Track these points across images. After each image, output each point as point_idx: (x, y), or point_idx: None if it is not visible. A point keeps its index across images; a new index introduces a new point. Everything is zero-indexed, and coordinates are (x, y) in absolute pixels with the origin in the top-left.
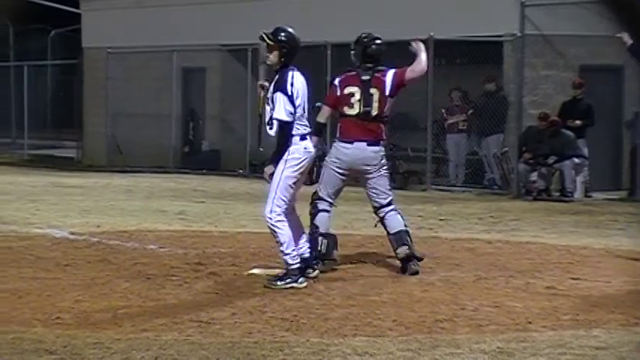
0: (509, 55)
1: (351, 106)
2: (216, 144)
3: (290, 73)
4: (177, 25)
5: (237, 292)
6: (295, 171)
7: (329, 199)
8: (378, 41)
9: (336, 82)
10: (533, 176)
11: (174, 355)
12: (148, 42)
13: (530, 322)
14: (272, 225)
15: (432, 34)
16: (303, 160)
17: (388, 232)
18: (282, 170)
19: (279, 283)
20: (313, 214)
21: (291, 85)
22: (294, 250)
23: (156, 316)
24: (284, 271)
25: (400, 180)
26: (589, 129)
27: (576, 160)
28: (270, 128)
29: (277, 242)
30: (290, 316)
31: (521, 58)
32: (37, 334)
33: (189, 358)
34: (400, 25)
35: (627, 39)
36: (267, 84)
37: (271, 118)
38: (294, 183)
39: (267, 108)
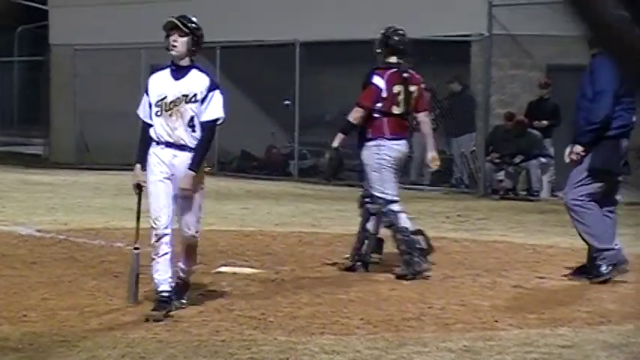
0: (476, 54)
1: (398, 104)
2: None
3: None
4: (145, 22)
5: (204, 290)
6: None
7: (397, 198)
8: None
9: (378, 81)
10: (500, 175)
11: (141, 353)
12: (116, 39)
13: (496, 321)
14: (196, 242)
15: None
16: None
17: (367, 230)
18: (202, 182)
19: (183, 301)
20: (394, 220)
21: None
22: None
23: (123, 314)
24: (185, 284)
25: None
26: (555, 129)
27: (542, 159)
28: (193, 130)
29: (190, 258)
30: (258, 315)
31: (489, 57)
32: (3, 332)
33: (157, 357)
34: (370, 24)
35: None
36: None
37: (192, 120)
38: None
39: (188, 107)
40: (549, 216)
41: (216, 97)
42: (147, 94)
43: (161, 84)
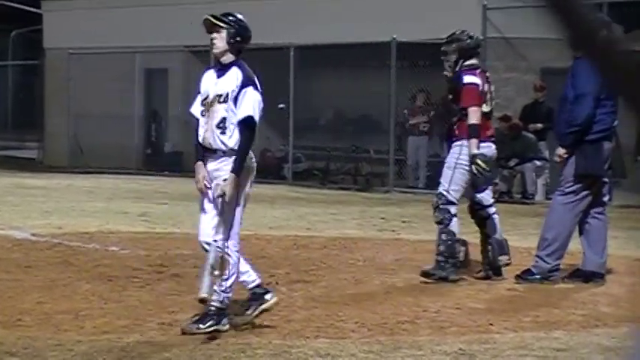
0: None
1: (487, 103)
2: (178, 145)
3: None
4: (140, 26)
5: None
6: (251, 187)
7: (457, 202)
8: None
9: (474, 79)
10: (495, 179)
11: (136, 357)
12: (110, 43)
13: (491, 324)
14: (227, 253)
15: (394, 36)
16: (254, 173)
17: (488, 235)
18: (243, 186)
19: (200, 326)
20: (446, 220)
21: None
22: (232, 289)
23: (118, 317)
24: (210, 309)
25: (362, 182)
26: (550, 132)
27: (537, 162)
28: (223, 132)
29: (219, 274)
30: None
31: (483, 60)
32: None
33: None
34: (364, 28)
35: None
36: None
37: (223, 120)
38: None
39: (220, 107)
40: (544, 219)
41: (249, 94)
42: (199, 92)
43: (206, 82)
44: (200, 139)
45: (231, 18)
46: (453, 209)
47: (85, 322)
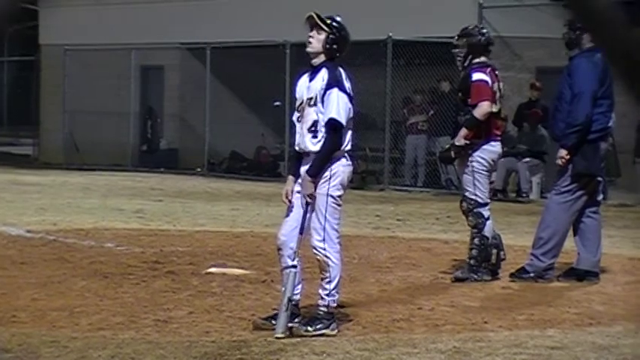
0: None
1: (496, 102)
2: (174, 142)
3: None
4: (136, 22)
5: (194, 291)
6: (341, 189)
7: (488, 202)
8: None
9: (485, 77)
10: (492, 177)
11: (131, 354)
12: (106, 40)
13: (486, 322)
14: (325, 256)
15: (390, 34)
16: (346, 176)
17: (486, 237)
18: (328, 190)
19: (309, 328)
20: (480, 224)
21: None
22: (337, 292)
23: (113, 314)
24: (318, 313)
25: (358, 180)
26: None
27: (535, 160)
28: (314, 136)
29: (324, 279)
30: (248, 316)
31: None
32: None
33: (146, 357)
34: (359, 26)
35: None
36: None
37: (315, 123)
38: (340, 204)
39: (311, 110)
40: (539, 217)
41: (333, 96)
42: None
43: (300, 87)
44: (297, 144)
45: (335, 24)
46: (485, 212)
47: (80, 318)
